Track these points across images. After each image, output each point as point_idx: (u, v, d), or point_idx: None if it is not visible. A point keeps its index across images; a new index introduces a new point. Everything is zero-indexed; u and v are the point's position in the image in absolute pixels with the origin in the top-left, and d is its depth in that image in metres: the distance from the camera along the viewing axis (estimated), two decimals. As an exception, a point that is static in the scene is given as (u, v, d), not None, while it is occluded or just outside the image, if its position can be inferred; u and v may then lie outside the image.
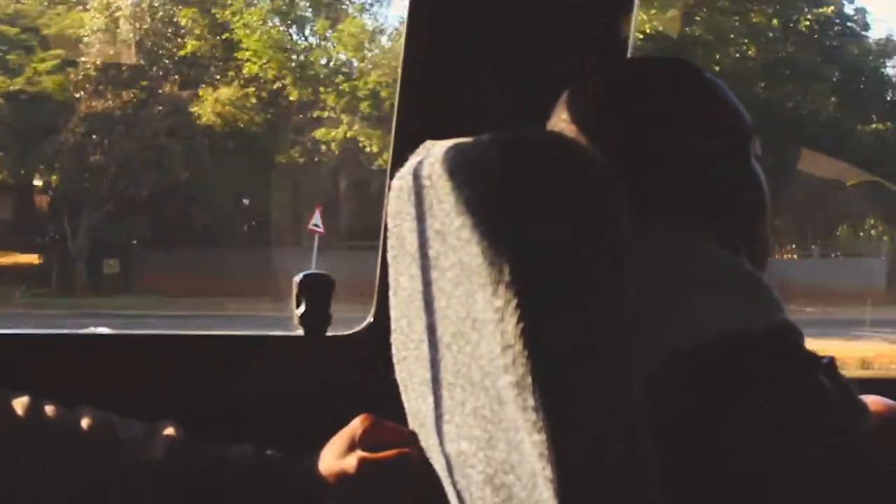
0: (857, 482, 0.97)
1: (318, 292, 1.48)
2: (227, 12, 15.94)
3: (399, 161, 1.17)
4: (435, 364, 1.09)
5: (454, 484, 1.09)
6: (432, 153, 1.02)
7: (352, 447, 1.20)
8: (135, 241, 16.06)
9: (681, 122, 1.13)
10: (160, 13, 16.12)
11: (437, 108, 1.49)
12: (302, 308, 1.47)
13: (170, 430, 1.21)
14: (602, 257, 0.92)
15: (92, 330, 1.58)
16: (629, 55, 1.51)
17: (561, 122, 1.15)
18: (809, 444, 0.95)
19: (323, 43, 17.50)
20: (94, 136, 15.10)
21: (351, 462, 1.17)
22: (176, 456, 1.19)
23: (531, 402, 0.86)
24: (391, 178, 1.20)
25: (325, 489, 1.19)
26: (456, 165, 0.95)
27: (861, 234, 18.06)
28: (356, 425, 1.21)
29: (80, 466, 1.17)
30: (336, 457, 1.19)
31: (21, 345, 1.51)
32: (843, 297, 14.48)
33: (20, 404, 1.18)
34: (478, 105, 1.46)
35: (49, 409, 1.19)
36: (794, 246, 17.57)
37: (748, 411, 0.95)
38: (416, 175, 1.06)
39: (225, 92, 15.68)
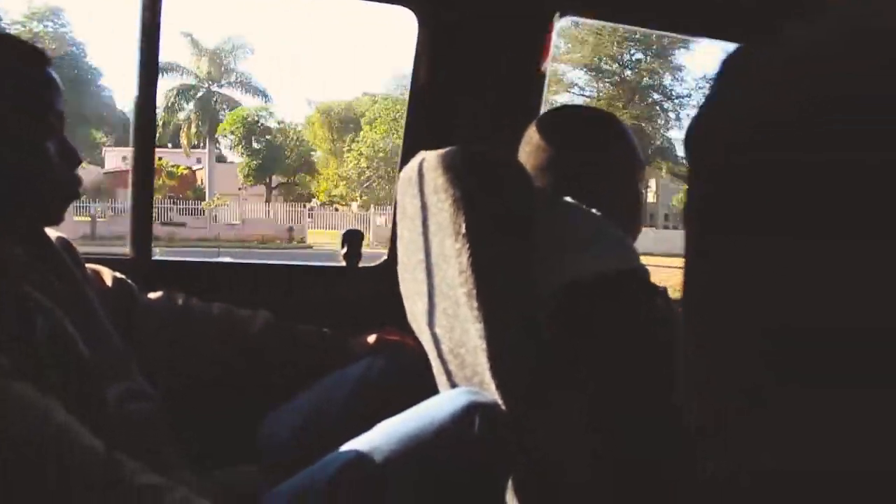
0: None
1: (354, 241, 1.69)
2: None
3: (405, 161, 1.33)
4: (421, 282, 1.27)
5: (434, 352, 1.28)
6: (425, 158, 1.20)
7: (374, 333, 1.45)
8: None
9: (599, 152, 1.29)
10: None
11: (430, 129, 1.65)
12: (344, 250, 1.68)
13: (264, 315, 1.43)
14: (518, 222, 1.10)
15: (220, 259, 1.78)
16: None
17: (528, 140, 1.32)
18: (646, 332, 1.07)
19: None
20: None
21: (373, 337, 1.43)
22: (268, 330, 1.41)
23: (475, 304, 1.06)
24: (400, 170, 1.37)
25: (357, 352, 1.42)
26: (437, 164, 1.13)
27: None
28: (378, 329, 1.46)
29: (211, 334, 1.38)
30: (363, 337, 1.45)
31: (177, 267, 1.71)
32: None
33: (178, 297, 1.40)
34: (456, 128, 1.61)
35: (194, 301, 1.40)
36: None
37: (615, 315, 1.08)
38: (414, 170, 1.24)
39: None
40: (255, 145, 23.68)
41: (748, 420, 0.33)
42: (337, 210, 23.29)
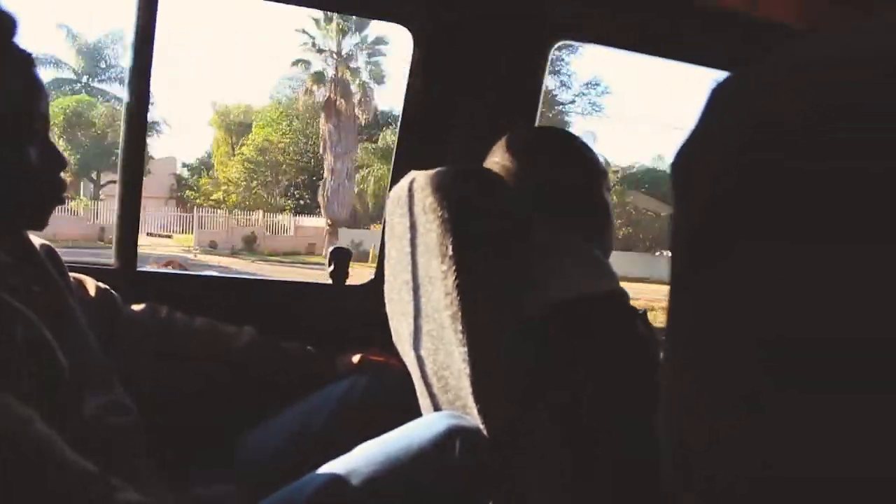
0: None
1: (341, 259, 1.67)
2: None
3: (395, 180, 1.33)
4: (407, 303, 1.25)
5: (418, 374, 1.27)
6: (415, 178, 1.18)
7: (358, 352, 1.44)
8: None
9: (563, 168, 1.28)
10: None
11: (421, 148, 1.64)
12: (332, 268, 1.67)
13: (249, 331, 1.41)
14: (507, 244, 1.09)
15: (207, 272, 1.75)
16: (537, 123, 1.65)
17: (493, 163, 1.31)
18: (626, 360, 1.07)
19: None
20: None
21: (357, 357, 1.42)
22: (252, 345, 1.40)
23: (459, 327, 1.05)
24: (390, 190, 1.36)
25: (340, 371, 1.41)
26: (427, 185, 1.11)
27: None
28: (362, 348, 1.45)
29: (194, 346, 1.37)
30: (348, 356, 1.43)
31: (162, 279, 1.71)
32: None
33: (161, 310, 1.38)
34: (446, 147, 1.60)
35: (178, 314, 1.38)
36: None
37: (593, 338, 1.07)
38: (404, 190, 1.23)
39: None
40: (81, 139, 22.17)
41: (745, 428, 0.33)
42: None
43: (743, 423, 0.33)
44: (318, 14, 20.70)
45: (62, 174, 1.09)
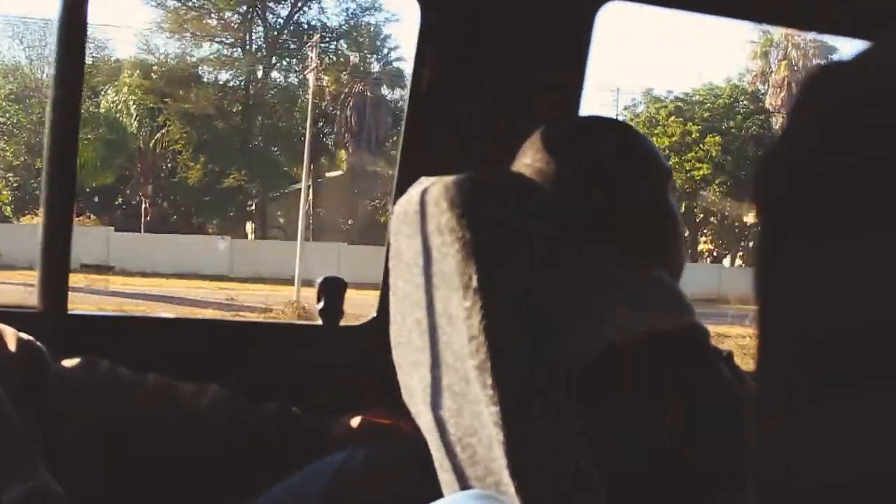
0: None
1: (334, 292, 1.55)
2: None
3: (400, 192, 1.21)
4: (420, 349, 1.14)
5: (437, 442, 1.15)
6: (426, 187, 1.07)
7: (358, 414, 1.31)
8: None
9: (612, 169, 1.16)
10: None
11: (430, 152, 1.53)
12: (322, 304, 1.53)
13: (215, 389, 1.28)
14: (538, 271, 0.99)
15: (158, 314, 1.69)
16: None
17: (522, 165, 1.19)
18: (712, 412, 0.99)
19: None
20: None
21: (355, 421, 1.30)
22: (219, 406, 1.27)
23: (489, 381, 0.94)
24: (394, 204, 1.24)
25: (335, 438, 1.29)
26: (441, 197, 1.01)
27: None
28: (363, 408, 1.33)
29: (145, 410, 1.24)
30: (345, 420, 1.31)
31: (101, 323, 1.60)
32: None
33: (101, 365, 1.25)
34: (460, 150, 1.49)
35: (122, 370, 1.26)
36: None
37: (668, 389, 0.99)
38: (413, 203, 1.11)
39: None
40: None
41: (784, 427, 0.35)
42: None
43: (782, 421, 0.35)
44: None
45: None
